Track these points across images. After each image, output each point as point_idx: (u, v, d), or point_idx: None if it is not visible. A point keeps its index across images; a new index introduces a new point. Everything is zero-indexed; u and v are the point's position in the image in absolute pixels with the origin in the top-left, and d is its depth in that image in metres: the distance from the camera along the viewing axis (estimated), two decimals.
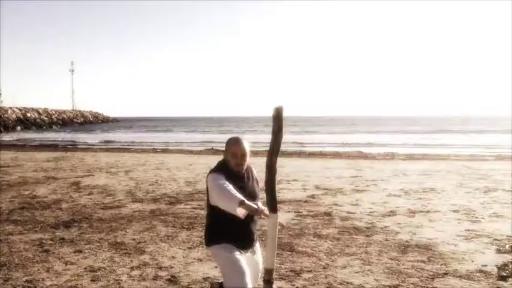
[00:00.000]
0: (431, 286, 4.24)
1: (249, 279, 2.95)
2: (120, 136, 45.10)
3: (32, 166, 14.32)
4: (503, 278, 4.42)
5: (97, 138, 40.92)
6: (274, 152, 2.93)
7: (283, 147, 3.00)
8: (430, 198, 8.77)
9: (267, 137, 3.01)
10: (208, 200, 3.14)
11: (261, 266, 3.25)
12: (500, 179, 11.33)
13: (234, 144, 3.14)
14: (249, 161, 3.20)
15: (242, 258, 3.04)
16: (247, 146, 3.14)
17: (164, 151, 22.77)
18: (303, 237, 5.94)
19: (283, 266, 4.77)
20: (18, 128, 56.80)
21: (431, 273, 4.58)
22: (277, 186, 3.16)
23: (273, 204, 2.99)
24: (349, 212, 7.46)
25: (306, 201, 8.40)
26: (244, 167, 3.14)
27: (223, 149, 3.23)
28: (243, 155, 3.10)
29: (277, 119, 2.88)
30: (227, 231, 3.06)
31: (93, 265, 4.81)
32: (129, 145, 30.14)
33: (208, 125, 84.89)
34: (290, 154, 20.09)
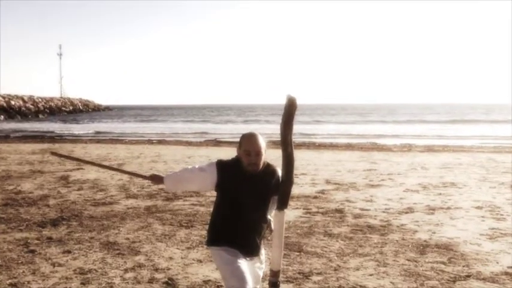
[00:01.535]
0: None
1: (250, 285, 2.92)
2: (113, 126, 45.26)
3: (17, 159, 14.37)
4: None
5: (87, 128, 41.03)
6: (289, 144, 2.90)
7: None
8: (450, 193, 8.74)
9: (271, 127, 2.96)
10: (216, 197, 3.14)
11: (260, 272, 3.23)
12: None
13: (247, 140, 3.00)
14: (266, 156, 3.08)
15: (243, 261, 3.01)
16: (262, 143, 3.00)
17: (160, 142, 22.78)
18: (312, 236, 5.94)
19: (290, 268, 4.77)
20: (1, 117, 56.92)
21: (452, 275, 4.56)
22: None
23: (282, 201, 2.98)
24: (362, 209, 7.45)
25: (315, 197, 8.39)
26: (260, 166, 3.01)
27: (225, 140, 3.19)
28: (258, 154, 2.97)
29: (290, 109, 2.86)
30: (230, 233, 3.04)
31: (84, 267, 4.81)
32: (122, 136, 30.21)
33: (208, 114, 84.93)
34: (298, 146, 20.05)
